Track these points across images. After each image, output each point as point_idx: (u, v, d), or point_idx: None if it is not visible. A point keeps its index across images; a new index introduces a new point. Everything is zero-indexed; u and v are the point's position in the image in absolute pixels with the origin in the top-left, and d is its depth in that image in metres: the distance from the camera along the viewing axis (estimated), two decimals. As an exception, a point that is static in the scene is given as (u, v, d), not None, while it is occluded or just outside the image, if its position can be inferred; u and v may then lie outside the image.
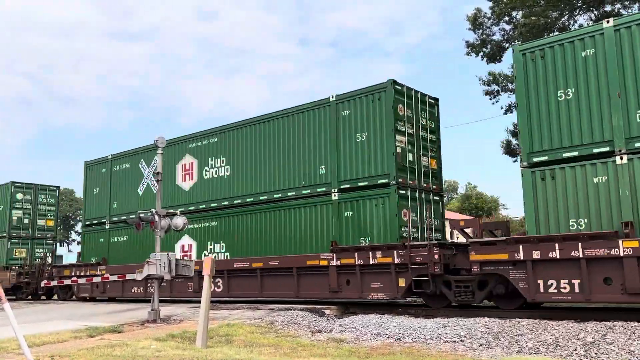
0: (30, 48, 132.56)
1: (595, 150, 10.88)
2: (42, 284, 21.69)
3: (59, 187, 29.34)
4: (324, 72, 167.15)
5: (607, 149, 10.76)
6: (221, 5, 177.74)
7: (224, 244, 17.55)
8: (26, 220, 27.57)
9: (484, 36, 27.35)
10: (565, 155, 11.19)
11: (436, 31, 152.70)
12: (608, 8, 24.64)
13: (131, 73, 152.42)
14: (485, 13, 26.89)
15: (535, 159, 11.57)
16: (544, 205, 11.25)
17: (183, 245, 18.71)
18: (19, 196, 27.38)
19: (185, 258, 17.48)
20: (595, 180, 10.74)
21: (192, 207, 18.58)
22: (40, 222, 28.06)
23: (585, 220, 10.75)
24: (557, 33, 23.91)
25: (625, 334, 8.82)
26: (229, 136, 17.96)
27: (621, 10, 24.46)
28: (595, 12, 25.18)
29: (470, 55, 27.45)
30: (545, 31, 24.40)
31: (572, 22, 25.66)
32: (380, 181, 14.09)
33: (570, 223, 10.92)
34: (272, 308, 14.12)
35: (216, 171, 18.19)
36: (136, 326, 12.19)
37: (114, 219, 21.34)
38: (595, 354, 8.18)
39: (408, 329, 10.51)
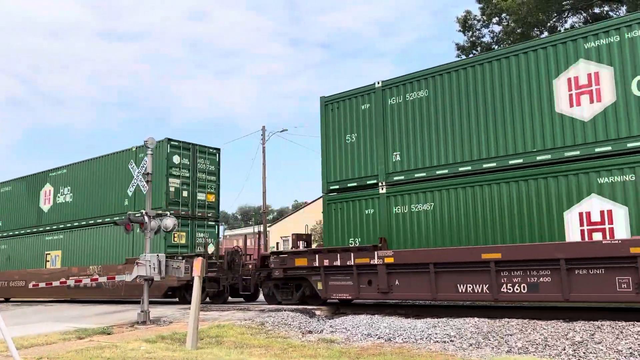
0: (20, 49, 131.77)
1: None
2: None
3: (219, 149, 21.26)
4: (316, 73, 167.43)
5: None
6: (212, 6, 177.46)
7: None
8: (185, 193, 19.75)
9: (474, 38, 27.52)
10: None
11: (427, 33, 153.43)
12: (597, 10, 24.88)
13: (122, 74, 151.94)
14: (475, 15, 27.06)
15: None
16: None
17: (588, 214, 10.97)
18: (176, 159, 19.60)
19: (179, 259, 17.04)
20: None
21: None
22: (200, 196, 20.24)
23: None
24: (546, 34, 24.10)
25: (613, 333, 8.90)
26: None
27: (610, 13, 24.69)
28: (584, 14, 25.41)
29: (461, 57, 27.64)
30: (534, 31, 24.58)
31: (561, 23, 25.88)
32: None
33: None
34: (263, 309, 14.10)
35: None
36: (126, 328, 12.13)
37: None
38: (584, 353, 8.25)
39: (398, 329, 10.54)
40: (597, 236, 10.72)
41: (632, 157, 10.56)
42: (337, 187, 14.91)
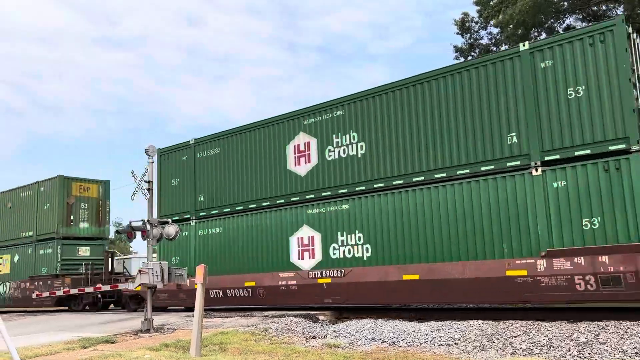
0: (13, 56, 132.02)
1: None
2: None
3: None
4: (311, 77, 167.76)
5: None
6: (208, 11, 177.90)
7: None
8: None
9: (472, 40, 27.56)
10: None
11: (422, 35, 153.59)
12: (594, 8, 24.91)
13: (118, 80, 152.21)
14: (473, 17, 27.11)
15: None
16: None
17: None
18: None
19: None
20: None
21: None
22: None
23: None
24: (544, 36, 24.15)
25: (618, 333, 8.88)
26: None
27: (608, 12, 24.73)
28: (583, 13, 25.45)
29: (459, 59, 27.68)
30: (532, 31, 24.62)
31: (559, 23, 25.92)
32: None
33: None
34: (266, 315, 14.09)
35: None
36: (129, 336, 12.12)
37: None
38: (589, 354, 8.22)
39: (402, 333, 10.52)
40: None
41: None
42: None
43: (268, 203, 16.29)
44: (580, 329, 9.34)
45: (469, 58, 27.22)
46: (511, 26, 24.55)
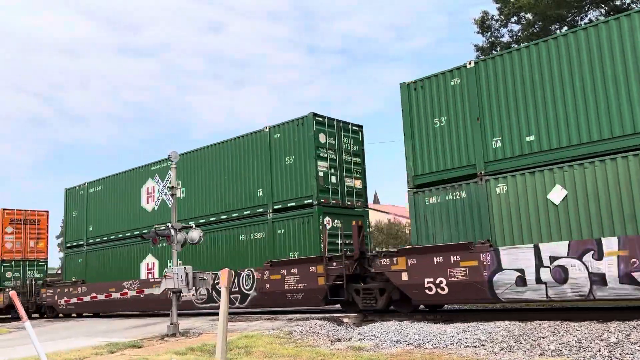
0: (40, 67, 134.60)
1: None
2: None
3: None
4: (332, 80, 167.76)
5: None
6: (228, 18, 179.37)
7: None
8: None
9: (493, 38, 27.27)
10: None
11: (443, 35, 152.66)
12: (618, 2, 24.45)
13: (140, 89, 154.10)
14: (493, 15, 26.83)
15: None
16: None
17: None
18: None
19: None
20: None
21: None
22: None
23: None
24: (565, 29, 23.81)
25: (650, 333, 8.66)
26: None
27: (632, 5, 24.25)
28: (606, 7, 25.00)
29: (479, 58, 27.39)
30: (554, 27, 24.26)
31: (581, 17, 25.50)
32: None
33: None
34: (291, 318, 14.10)
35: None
36: (156, 340, 12.23)
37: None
38: (620, 354, 8.04)
39: (428, 335, 10.42)
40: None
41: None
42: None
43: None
44: (610, 328, 9.14)
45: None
46: (530, 16, 24.21)
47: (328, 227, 15.47)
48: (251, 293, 16.34)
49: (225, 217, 17.99)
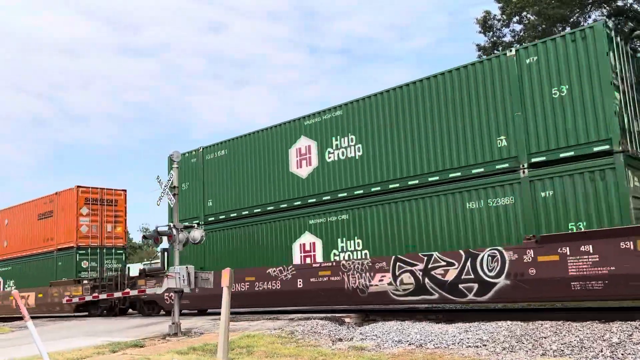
0: (41, 67, 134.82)
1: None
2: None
3: None
4: (333, 80, 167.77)
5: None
6: (229, 18, 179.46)
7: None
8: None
9: (495, 38, 27.24)
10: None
11: (444, 35, 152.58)
12: (620, 3, 24.41)
13: (141, 89, 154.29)
14: (495, 15, 26.81)
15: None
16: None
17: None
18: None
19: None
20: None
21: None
22: None
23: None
24: (568, 29, 23.78)
25: (652, 333, 8.65)
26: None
27: (634, 5, 24.22)
28: (607, 7, 24.96)
29: (482, 57, 27.37)
30: (557, 27, 24.23)
31: (584, 18, 25.46)
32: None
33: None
34: (292, 318, 14.10)
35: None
36: (158, 340, 12.25)
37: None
38: (622, 354, 8.03)
39: (429, 335, 10.42)
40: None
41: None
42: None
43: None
44: (612, 329, 9.12)
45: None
46: (533, 17, 24.19)
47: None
48: (499, 281, 11.70)
49: (436, 178, 13.21)
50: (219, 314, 9.60)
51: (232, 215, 17.87)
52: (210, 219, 18.51)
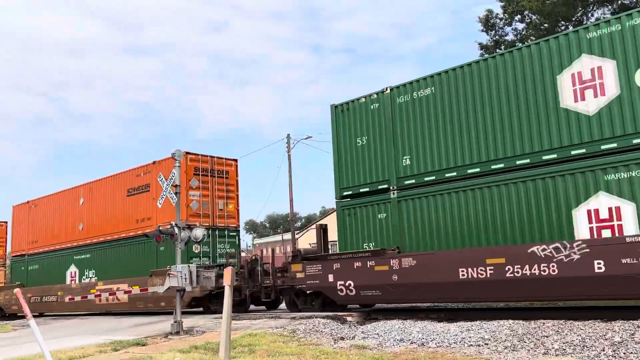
0: (43, 67, 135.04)
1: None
2: None
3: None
4: (336, 79, 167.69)
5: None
6: (232, 17, 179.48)
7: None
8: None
9: (497, 37, 27.22)
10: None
11: (447, 34, 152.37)
12: (627, 0, 24.33)
13: (143, 88, 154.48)
14: (497, 14, 26.78)
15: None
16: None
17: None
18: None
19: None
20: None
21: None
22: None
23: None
24: (571, 28, 23.75)
25: (654, 332, 8.63)
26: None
27: (638, 4, 24.15)
28: (610, 5, 24.89)
29: (484, 56, 27.32)
30: (559, 26, 24.18)
31: (586, 17, 25.41)
32: None
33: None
34: (294, 317, 14.11)
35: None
36: (160, 339, 12.27)
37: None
38: (624, 353, 8.02)
39: (431, 334, 10.42)
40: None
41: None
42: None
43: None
44: (614, 328, 9.11)
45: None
46: (536, 17, 24.17)
47: None
48: None
49: None
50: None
51: (447, 175, 13.27)
52: (407, 182, 14.02)
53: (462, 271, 12.10)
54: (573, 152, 11.41)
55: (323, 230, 16.33)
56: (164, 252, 19.07)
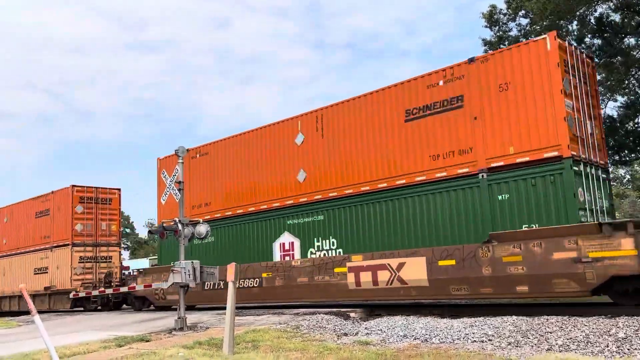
0: (46, 64, 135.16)
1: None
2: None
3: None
4: (340, 75, 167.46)
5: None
6: (234, 13, 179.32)
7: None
8: None
9: (501, 33, 27.09)
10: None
11: (451, 30, 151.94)
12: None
13: (148, 85, 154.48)
14: (501, 9, 26.66)
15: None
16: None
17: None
18: None
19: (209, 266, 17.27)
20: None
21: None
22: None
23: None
24: (575, 24, 23.63)
25: (658, 328, 8.61)
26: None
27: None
28: (614, 1, 24.75)
29: (488, 52, 27.19)
30: (563, 21, 24.07)
31: (590, 12, 25.26)
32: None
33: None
34: (297, 312, 14.13)
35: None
36: (163, 335, 12.30)
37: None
38: (629, 349, 8.00)
39: (435, 330, 10.41)
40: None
41: None
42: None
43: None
44: (618, 324, 9.09)
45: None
46: (535, 13, 24.04)
47: None
48: None
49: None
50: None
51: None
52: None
53: None
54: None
55: None
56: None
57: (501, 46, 26.85)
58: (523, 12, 25.82)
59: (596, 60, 21.29)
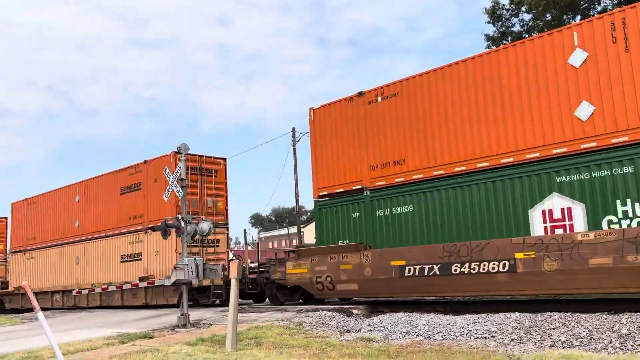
0: (51, 62, 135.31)
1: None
2: None
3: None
4: (343, 71, 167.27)
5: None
6: (237, 10, 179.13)
7: None
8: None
9: (504, 28, 27.05)
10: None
11: (454, 26, 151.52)
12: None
13: (151, 83, 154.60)
14: (504, 5, 26.61)
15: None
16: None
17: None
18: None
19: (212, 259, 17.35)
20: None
21: None
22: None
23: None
24: (579, 18, 23.53)
25: (662, 324, 8.59)
26: None
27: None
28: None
29: (491, 48, 27.17)
30: (567, 15, 24.00)
31: (593, 6, 25.19)
32: None
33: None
34: (300, 309, 14.14)
35: None
36: (166, 331, 12.32)
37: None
38: (632, 345, 7.99)
39: (437, 327, 10.41)
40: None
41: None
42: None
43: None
44: (622, 320, 9.07)
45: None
46: (540, 8, 23.98)
47: None
48: None
49: None
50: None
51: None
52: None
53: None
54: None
55: None
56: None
57: (504, 42, 26.84)
58: (525, 7, 25.78)
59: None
